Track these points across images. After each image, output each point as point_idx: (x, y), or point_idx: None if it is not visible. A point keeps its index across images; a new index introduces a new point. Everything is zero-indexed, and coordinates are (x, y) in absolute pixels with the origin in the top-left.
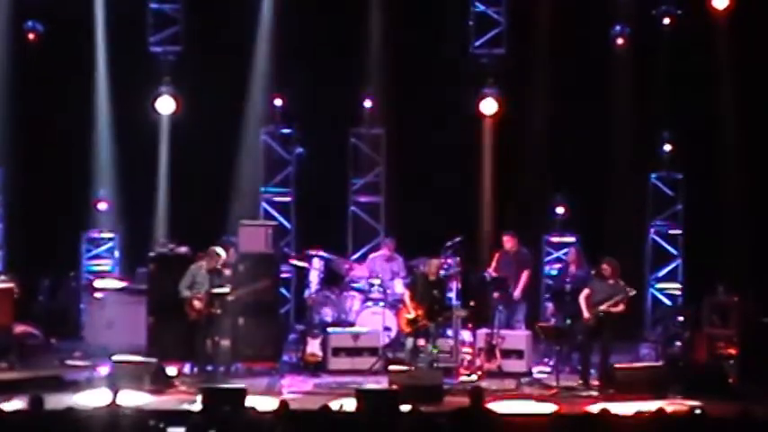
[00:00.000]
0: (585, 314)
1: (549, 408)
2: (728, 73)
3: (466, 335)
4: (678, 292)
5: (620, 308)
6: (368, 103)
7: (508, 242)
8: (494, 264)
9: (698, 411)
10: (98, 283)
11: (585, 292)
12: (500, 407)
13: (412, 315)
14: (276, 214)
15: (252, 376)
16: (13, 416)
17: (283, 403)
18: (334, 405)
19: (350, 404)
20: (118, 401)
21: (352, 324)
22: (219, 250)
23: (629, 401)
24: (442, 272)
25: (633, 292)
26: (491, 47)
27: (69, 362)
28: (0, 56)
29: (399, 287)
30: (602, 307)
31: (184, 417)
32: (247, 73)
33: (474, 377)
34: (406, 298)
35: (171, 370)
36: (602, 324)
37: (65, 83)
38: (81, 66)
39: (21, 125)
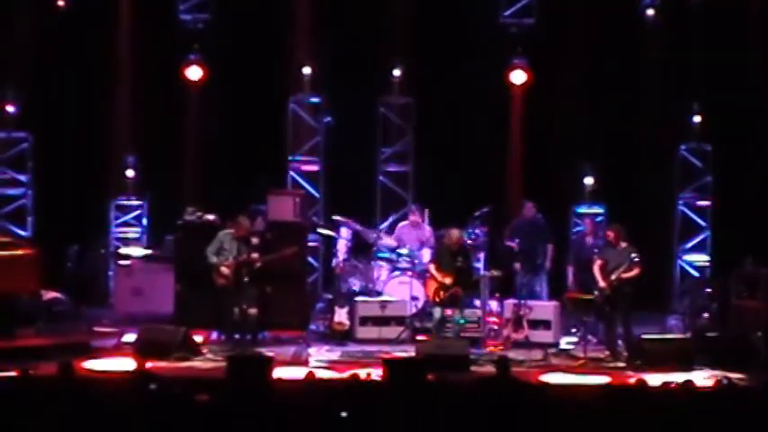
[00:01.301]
0: (602, 283)
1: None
2: (759, 44)
3: (493, 305)
4: (706, 264)
5: (635, 272)
6: (397, 72)
7: (530, 210)
8: (507, 231)
9: (726, 383)
10: (123, 250)
11: (598, 262)
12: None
13: (449, 281)
14: (304, 183)
15: (279, 345)
16: (42, 381)
17: (310, 374)
18: (362, 374)
19: (377, 373)
20: (145, 369)
21: (379, 293)
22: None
23: (656, 373)
24: (469, 241)
25: (637, 258)
26: (521, 16)
27: (97, 329)
28: (30, 23)
29: (427, 256)
30: (614, 276)
31: (211, 384)
32: (276, 41)
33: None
34: (433, 270)
35: (198, 338)
36: (618, 292)
37: (94, 50)
38: (110, 33)
39: (50, 92)
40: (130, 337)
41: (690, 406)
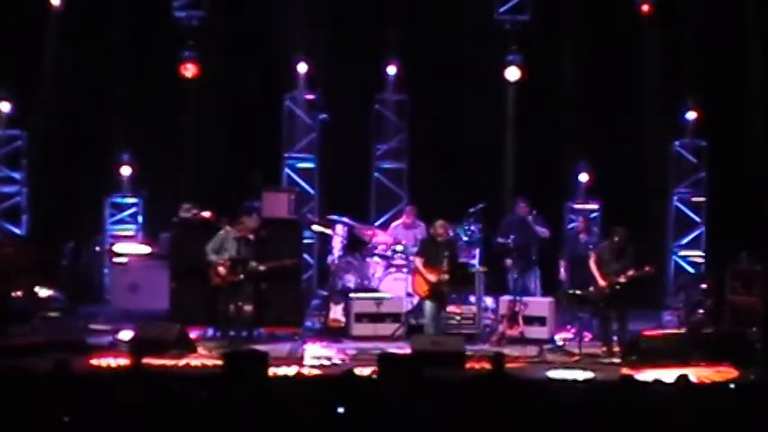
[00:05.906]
0: (601, 282)
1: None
2: (754, 40)
3: (488, 301)
4: (701, 260)
5: (631, 273)
6: (392, 69)
7: (523, 208)
8: (500, 229)
9: (721, 379)
10: (117, 248)
11: (593, 257)
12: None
13: (434, 279)
14: (299, 180)
15: (274, 341)
16: (38, 378)
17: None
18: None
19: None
20: (140, 365)
21: (374, 290)
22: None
23: (651, 369)
24: (464, 238)
25: (649, 270)
26: (516, 13)
27: (92, 326)
28: (24, 21)
29: None
30: (621, 279)
31: (207, 381)
32: (271, 38)
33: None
34: (419, 264)
35: (194, 334)
36: (618, 293)
37: (89, 47)
38: (105, 30)
39: (44, 89)
40: (126, 334)
41: (684, 401)
